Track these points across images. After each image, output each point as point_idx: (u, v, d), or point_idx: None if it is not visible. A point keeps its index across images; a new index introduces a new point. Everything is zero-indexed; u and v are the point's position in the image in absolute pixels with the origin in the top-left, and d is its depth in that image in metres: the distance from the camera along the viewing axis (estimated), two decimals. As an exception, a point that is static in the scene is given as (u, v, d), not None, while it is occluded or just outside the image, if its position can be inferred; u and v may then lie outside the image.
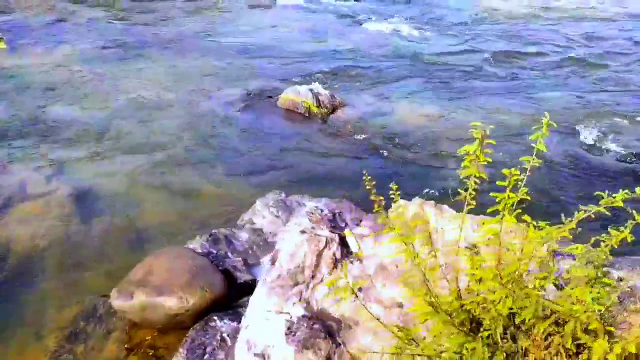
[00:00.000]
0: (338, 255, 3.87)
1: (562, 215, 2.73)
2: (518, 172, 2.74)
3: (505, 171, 2.72)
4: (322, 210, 5.51)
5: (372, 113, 8.73)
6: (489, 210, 2.85)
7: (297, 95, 8.70)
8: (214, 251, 5.07)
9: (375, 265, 3.78)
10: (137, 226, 5.99)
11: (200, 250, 5.06)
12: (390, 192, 3.02)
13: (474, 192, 2.72)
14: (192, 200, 6.46)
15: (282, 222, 5.43)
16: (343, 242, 4.08)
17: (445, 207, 3.83)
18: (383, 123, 8.37)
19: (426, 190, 6.44)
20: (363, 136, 7.92)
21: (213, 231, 5.34)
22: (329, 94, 8.82)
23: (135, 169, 7.07)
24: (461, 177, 2.75)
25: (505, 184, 2.71)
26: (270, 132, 8.05)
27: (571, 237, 2.97)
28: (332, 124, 8.35)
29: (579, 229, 2.65)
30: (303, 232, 3.99)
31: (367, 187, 2.92)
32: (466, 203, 2.77)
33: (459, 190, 2.86)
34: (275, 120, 8.41)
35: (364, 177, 2.91)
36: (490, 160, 2.68)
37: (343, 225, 5.43)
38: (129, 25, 13.33)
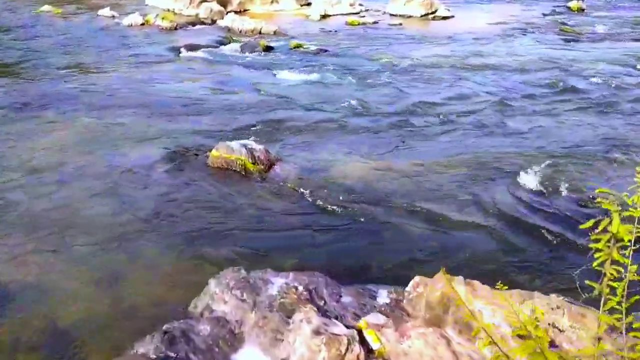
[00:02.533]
0: (362, 358, 3.11)
1: None
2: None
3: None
4: (296, 288, 4.74)
5: (311, 168, 8.13)
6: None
7: (230, 152, 7.90)
8: (172, 355, 4.07)
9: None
10: (59, 327, 4.81)
11: (154, 356, 4.04)
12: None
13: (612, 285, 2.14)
14: (123, 287, 5.38)
15: (249, 307, 4.55)
16: (361, 339, 3.32)
17: (477, 283, 3.25)
18: (325, 178, 7.78)
19: (401, 254, 5.88)
20: (308, 193, 7.26)
21: (166, 327, 4.33)
22: (264, 149, 8.11)
23: (43, 252, 5.84)
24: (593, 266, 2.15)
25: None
26: (205, 196, 7.14)
27: None
28: (272, 182, 7.61)
29: None
30: (318, 332, 3.18)
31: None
32: (602, 301, 2.17)
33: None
34: (209, 182, 7.52)
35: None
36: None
37: (322, 303, 4.67)
38: (19, 81, 11.85)
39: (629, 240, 2.40)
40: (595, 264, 2.31)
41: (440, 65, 14.38)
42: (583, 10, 22.48)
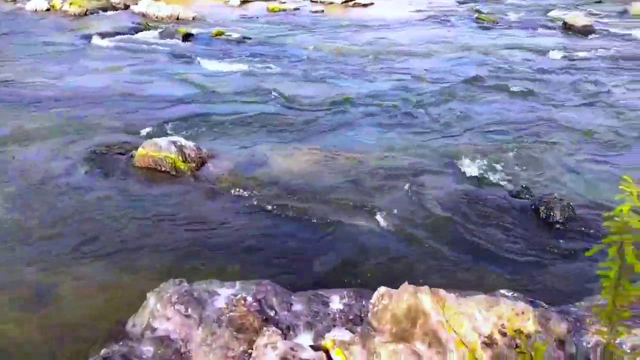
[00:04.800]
0: (333, 382, 2.92)
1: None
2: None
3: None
4: (244, 299, 4.46)
5: (245, 163, 7.79)
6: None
7: (157, 150, 7.40)
8: (114, 384, 3.69)
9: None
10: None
11: (93, 387, 3.65)
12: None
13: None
14: (52, 307, 4.87)
15: (195, 323, 4.23)
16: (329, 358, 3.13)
17: (443, 292, 3.13)
18: (262, 173, 7.48)
19: (348, 253, 5.71)
20: (245, 192, 6.94)
21: (105, 352, 3.93)
22: (194, 146, 7.68)
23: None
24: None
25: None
26: (134, 201, 6.62)
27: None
28: (205, 181, 7.21)
29: None
30: (285, 359, 2.95)
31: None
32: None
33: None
34: (136, 185, 7.00)
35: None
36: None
37: (272, 313, 4.44)
38: None
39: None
40: (603, 294, 2.24)
41: (364, 53, 14.38)
42: (496, -2, 23.36)
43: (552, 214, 6.37)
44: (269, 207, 6.60)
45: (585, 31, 17.21)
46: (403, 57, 14.01)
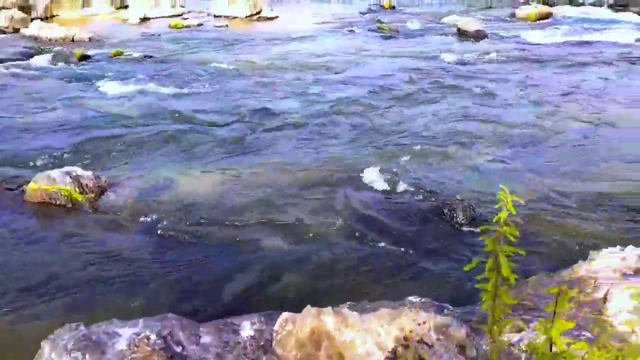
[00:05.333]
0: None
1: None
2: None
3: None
4: (148, 338, 4.23)
5: (149, 189, 7.49)
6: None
7: (51, 183, 6.93)
8: None
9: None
10: None
11: None
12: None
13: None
14: None
15: (94, 370, 3.95)
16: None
17: (347, 311, 3.10)
18: (167, 198, 7.22)
19: (261, 275, 5.59)
20: (146, 219, 6.66)
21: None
22: (92, 175, 7.27)
23: None
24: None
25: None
26: (25, 239, 6.15)
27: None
28: (105, 212, 6.84)
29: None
30: None
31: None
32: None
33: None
34: (28, 222, 6.52)
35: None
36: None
37: (180, 349, 4.24)
38: None
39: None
40: (483, 306, 2.27)
41: (269, 67, 14.35)
42: (394, 7, 24.17)
43: (455, 215, 6.60)
44: (174, 234, 6.37)
45: (477, 36, 18.17)
46: (309, 69, 14.12)
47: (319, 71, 13.94)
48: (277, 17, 21.92)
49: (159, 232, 6.41)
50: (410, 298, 4.70)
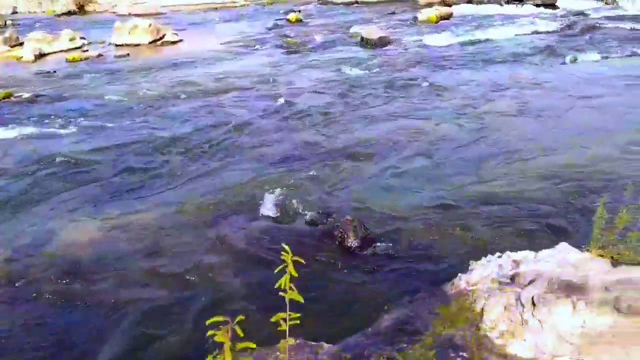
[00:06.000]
0: None
1: None
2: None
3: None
4: None
5: (26, 244, 6.93)
6: None
7: None
8: None
9: None
10: None
11: None
12: None
13: None
14: None
15: None
16: None
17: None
18: (44, 253, 6.69)
19: (134, 335, 5.19)
20: (19, 280, 6.13)
21: None
22: (-45, 241, 6.64)
23: None
24: None
25: None
26: None
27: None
28: (-29, 280, 6.24)
29: None
30: None
31: None
32: None
33: None
34: None
35: None
36: None
37: None
38: None
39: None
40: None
41: (173, 94, 13.91)
42: (301, 20, 24.19)
43: (345, 236, 6.45)
44: (49, 296, 5.87)
45: (381, 43, 18.41)
46: (209, 94, 13.75)
47: (217, 95, 13.59)
48: (181, 40, 21.45)
49: (28, 292, 5.91)
50: (290, 338, 4.46)
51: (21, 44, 21.67)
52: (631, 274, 4.50)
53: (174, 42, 21.24)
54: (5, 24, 29.13)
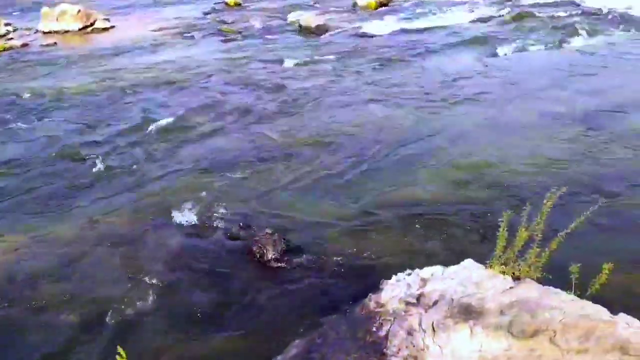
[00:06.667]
0: None
1: None
2: None
3: None
4: None
5: None
6: None
7: None
8: None
9: None
10: None
11: None
12: None
13: None
14: None
15: None
16: None
17: None
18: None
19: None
20: None
21: None
22: None
23: None
24: None
25: None
26: None
27: None
28: None
29: None
30: None
31: None
32: None
33: None
34: None
35: None
36: None
37: None
38: None
39: None
40: None
41: (99, 89, 13.33)
42: (240, 4, 23.60)
43: (265, 251, 6.39)
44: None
45: (319, 31, 18.21)
46: (134, 91, 13.18)
47: (146, 91, 13.11)
48: (113, 27, 20.57)
49: None
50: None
51: None
52: (529, 292, 4.65)
53: (105, 29, 20.35)
54: None
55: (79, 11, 20.50)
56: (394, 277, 5.27)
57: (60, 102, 12.50)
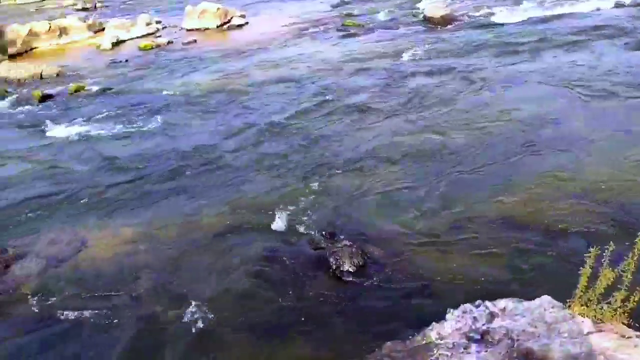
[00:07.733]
0: None
1: None
2: None
3: None
4: None
5: (58, 257, 7.53)
6: None
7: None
8: None
9: None
10: None
11: None
12: None
13: None
14: None
15: None
16: None
17: None
18: (74, 266, 7.24)
19: None
20: (44, 297, 6.66)
21: None
22: (-5, 251, 7.38)
23: None
24: None
25: None
26: None
27: None
28: (5, 290, 6.92)
29: None
30: None
31: None
32: None
33: None
34: None
35: None
36: None
37: None
38: None
39: None
40: None
41: (224, 89, 14.16)
42: (367, -5, 23.53)
43: (341, 264, 6.41)
44: (74, 315, 6.31)
45: (444, 21, 17.57)
46: (265, 86, 13.86)
47: (258, 90, 13.67)
48: (247, 23, 21.71)
49: (51, 311, 6.43)
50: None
51: (103, 29, 22.94)
52: (605, 342, 4.15)
53: (239, 26, 21.57)
54: (95, 7, 30.98)
55: (218, 9, 21.92)
56: (461, 307, 5.01)
57: (187, 100, 13.53)
